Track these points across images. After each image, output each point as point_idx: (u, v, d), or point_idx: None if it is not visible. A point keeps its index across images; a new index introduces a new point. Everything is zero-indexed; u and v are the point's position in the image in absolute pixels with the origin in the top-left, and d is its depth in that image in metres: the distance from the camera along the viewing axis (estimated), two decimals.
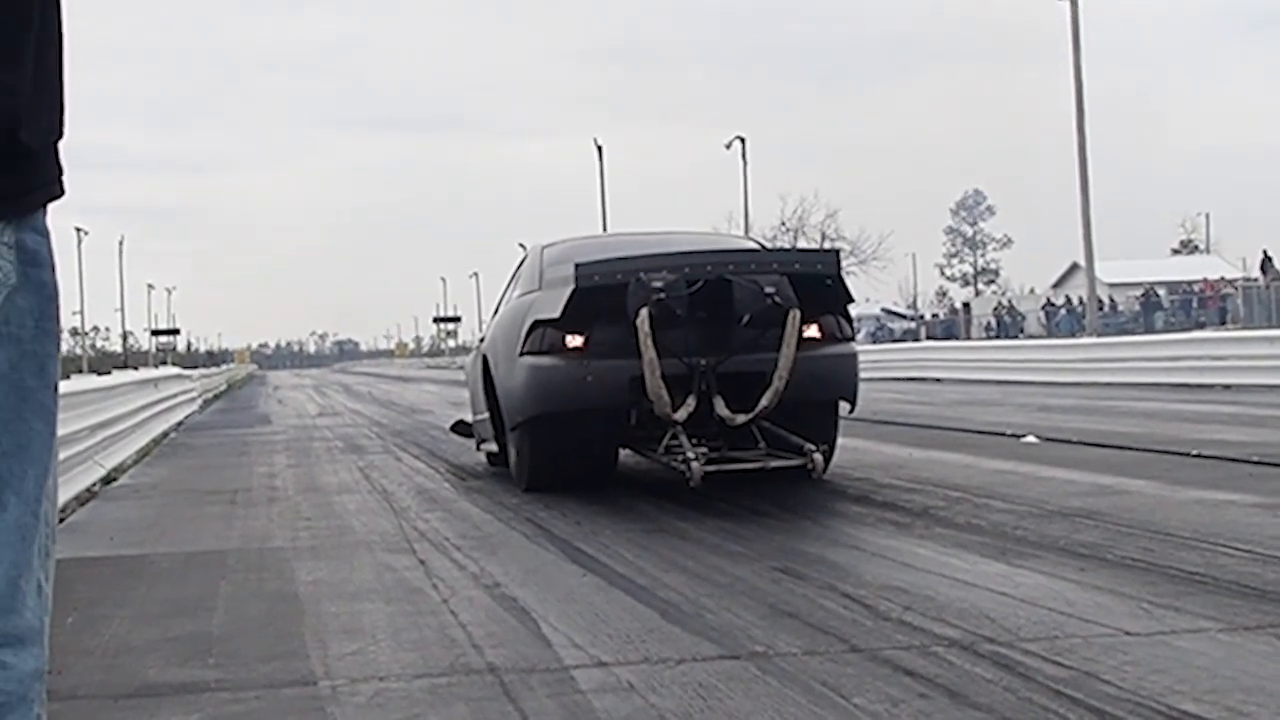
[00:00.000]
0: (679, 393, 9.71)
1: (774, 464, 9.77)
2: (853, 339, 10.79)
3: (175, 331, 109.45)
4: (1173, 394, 21.45)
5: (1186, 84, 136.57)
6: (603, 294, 9.67)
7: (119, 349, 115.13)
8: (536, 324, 10.22)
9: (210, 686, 5.12)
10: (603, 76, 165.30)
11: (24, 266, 1.68)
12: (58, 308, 1.73)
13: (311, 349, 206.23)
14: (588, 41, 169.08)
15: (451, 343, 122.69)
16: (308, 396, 41.69)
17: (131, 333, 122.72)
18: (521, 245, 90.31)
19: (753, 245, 12.06)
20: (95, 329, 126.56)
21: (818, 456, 9.60)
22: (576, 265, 9.83)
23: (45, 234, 1.73)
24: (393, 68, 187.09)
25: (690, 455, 9.39)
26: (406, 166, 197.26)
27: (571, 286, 9.78)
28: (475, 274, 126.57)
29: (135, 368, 28.44)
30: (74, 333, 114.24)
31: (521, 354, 10.29)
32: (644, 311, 9.44)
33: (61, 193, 1.76)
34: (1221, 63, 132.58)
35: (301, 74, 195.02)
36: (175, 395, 26.05)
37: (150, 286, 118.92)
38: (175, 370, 31.11)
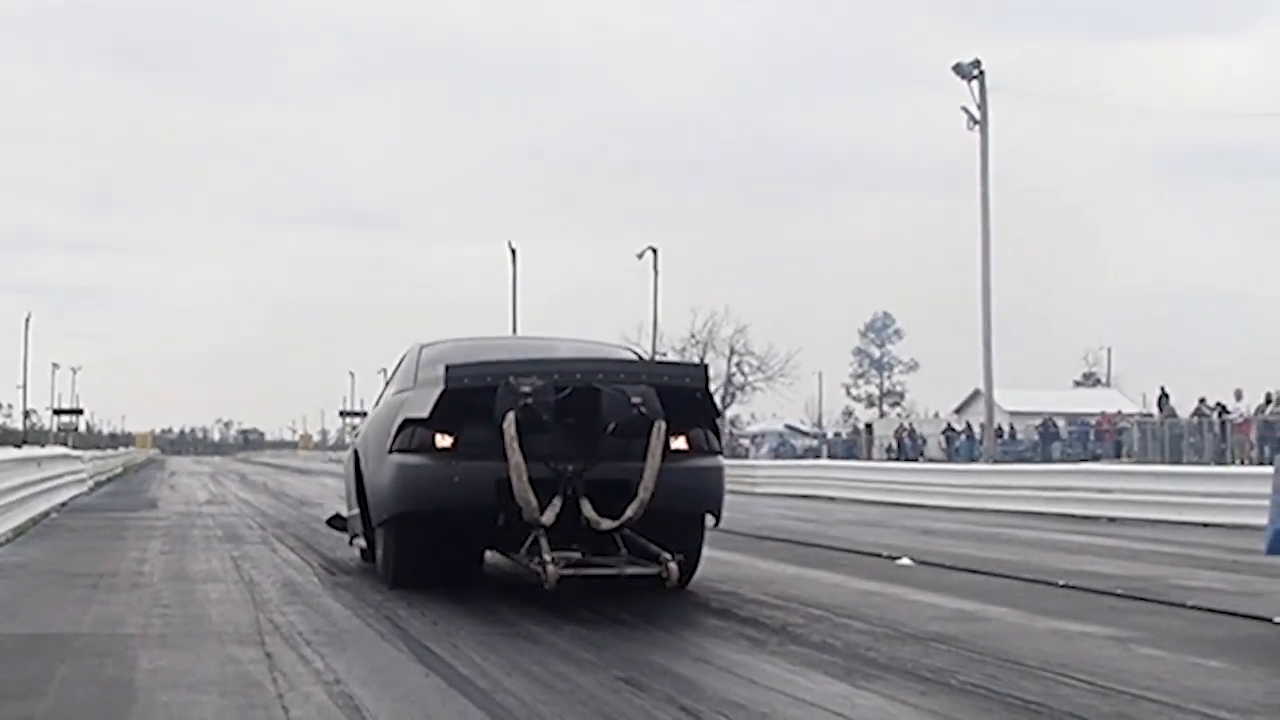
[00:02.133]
0: (545, 497, 9.65)
1: (630, 570, 9.72)
2: (720, 453, 10.75)
3: (79, 412, 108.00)
4: (1058, 524, 21.62)
5: (1099, 221, 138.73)
6: (473, 396, 9.70)
7: (20, 426, 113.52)
8: (406, 422, 10.23)
9: None
10: (524, 182, 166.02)
11: None
12: None
13: (216, 436, 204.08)
14: (510, 147, 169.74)
15: (358, 436, 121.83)
16: (201, 484, 41.22)
17: (34, 411, 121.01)
18: None
19: (628, 355, 12.00)
20: None
21: (673, 566, 9.57)
22: (447, 367, 9.92)
23: None
24: (317, 164, 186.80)
25: (547, 559, 9.35)
26: (324, 261, 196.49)
27: (441, 387, 9.81)
28: (384, 369, 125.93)
29: (20, 445, 28.09)
30: None
31: (390, 451, 10.29)
32: (511, 415, 9.48)
33: None
34: (1136, 203, 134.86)
35: (224, 164, 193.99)
36: (61, 475, 25.71)
37: (55, 366, 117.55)
38: (62, 450, 30.73)
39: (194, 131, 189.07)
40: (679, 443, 10.14)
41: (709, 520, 10.71)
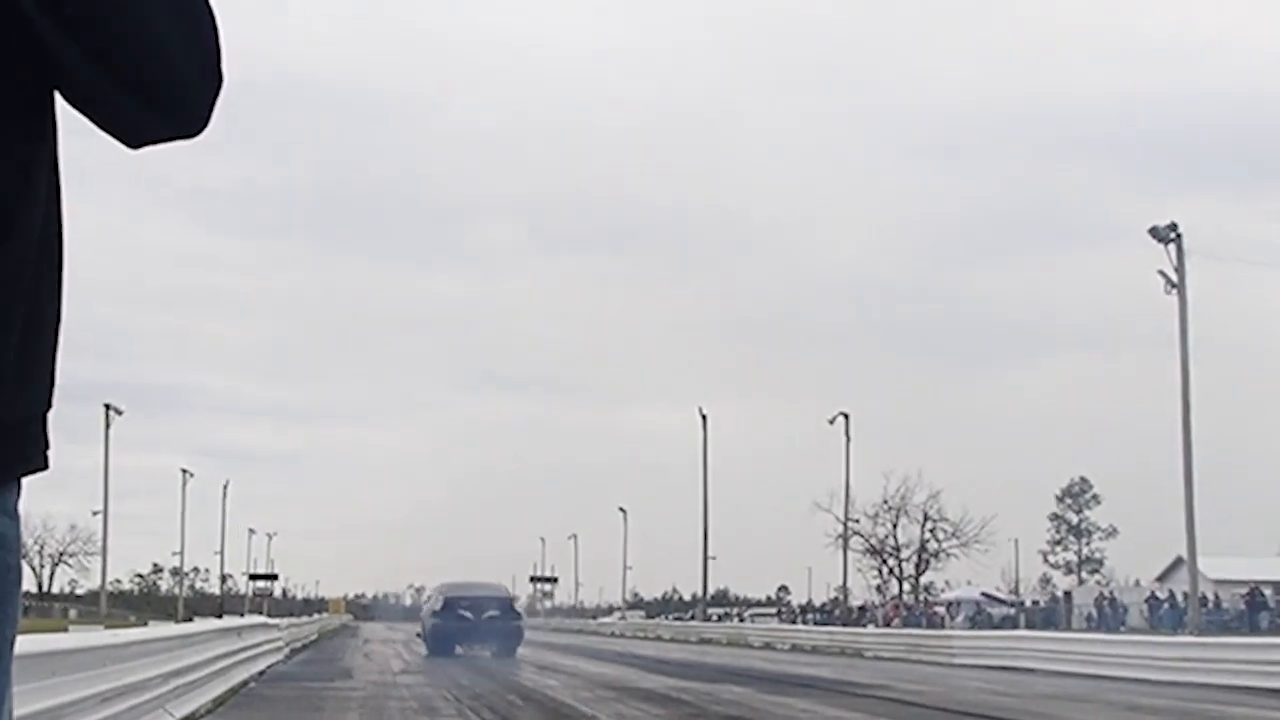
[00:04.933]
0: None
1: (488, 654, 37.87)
2: (521, 616, 42.18)
3: (273, 577, 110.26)
4: (1269, 700, 20.81)
5: None
6: (451, 603, 39.72)
7: (217, 591, 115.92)
8: (433, 612, 40.56)
9: None
10: (712, 348, 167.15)
11: None
12: (18, 590, 1.70)
13: (408, 601, 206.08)
14: (697, 314, 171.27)
15: (548, 603, 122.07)
16: (394, 652, 41.58)
17: (230, 576, 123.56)
18: (622, 509, 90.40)
19: (502, 589, 43.60)
20: (195, 570, 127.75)
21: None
22: (445, 598, 40.49)
23: (14, 515, 1.68)
24: (507, 329, 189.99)
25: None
26: (514, 425, 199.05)
27: (443, 602, 40.36)
28: (574, 535, 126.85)
29: (220, 612, 28.63)
30: (174, 573, 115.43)
31: (431, 617, 40.68)
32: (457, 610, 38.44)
33: (44, 466, 1.70)
34: None
35: (418, 330, 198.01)
36: (259, 643, 26.06)
37: (251, 531, 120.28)
38: (260, 619, 31.23)
39: (382, 299, 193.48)
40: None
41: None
